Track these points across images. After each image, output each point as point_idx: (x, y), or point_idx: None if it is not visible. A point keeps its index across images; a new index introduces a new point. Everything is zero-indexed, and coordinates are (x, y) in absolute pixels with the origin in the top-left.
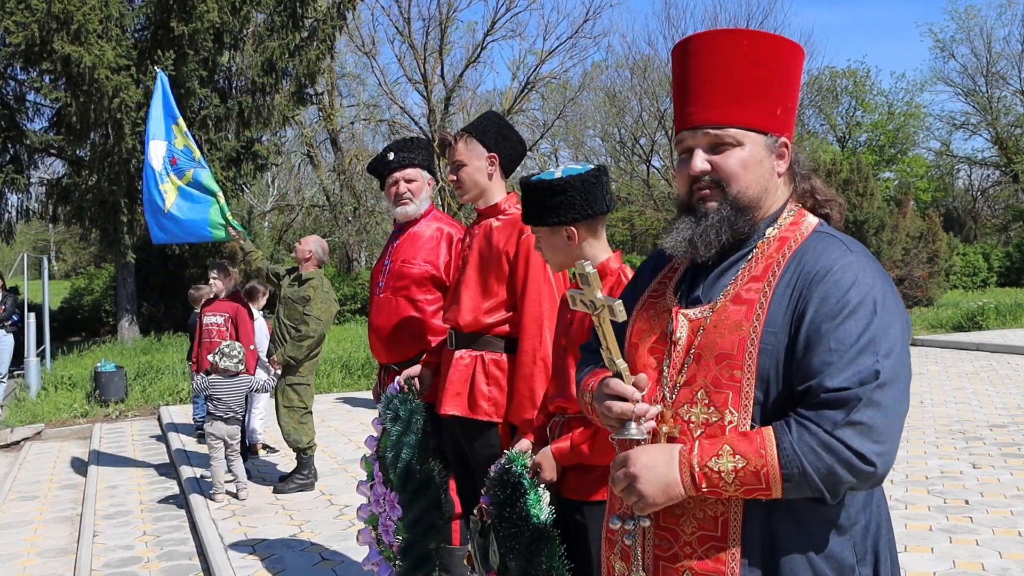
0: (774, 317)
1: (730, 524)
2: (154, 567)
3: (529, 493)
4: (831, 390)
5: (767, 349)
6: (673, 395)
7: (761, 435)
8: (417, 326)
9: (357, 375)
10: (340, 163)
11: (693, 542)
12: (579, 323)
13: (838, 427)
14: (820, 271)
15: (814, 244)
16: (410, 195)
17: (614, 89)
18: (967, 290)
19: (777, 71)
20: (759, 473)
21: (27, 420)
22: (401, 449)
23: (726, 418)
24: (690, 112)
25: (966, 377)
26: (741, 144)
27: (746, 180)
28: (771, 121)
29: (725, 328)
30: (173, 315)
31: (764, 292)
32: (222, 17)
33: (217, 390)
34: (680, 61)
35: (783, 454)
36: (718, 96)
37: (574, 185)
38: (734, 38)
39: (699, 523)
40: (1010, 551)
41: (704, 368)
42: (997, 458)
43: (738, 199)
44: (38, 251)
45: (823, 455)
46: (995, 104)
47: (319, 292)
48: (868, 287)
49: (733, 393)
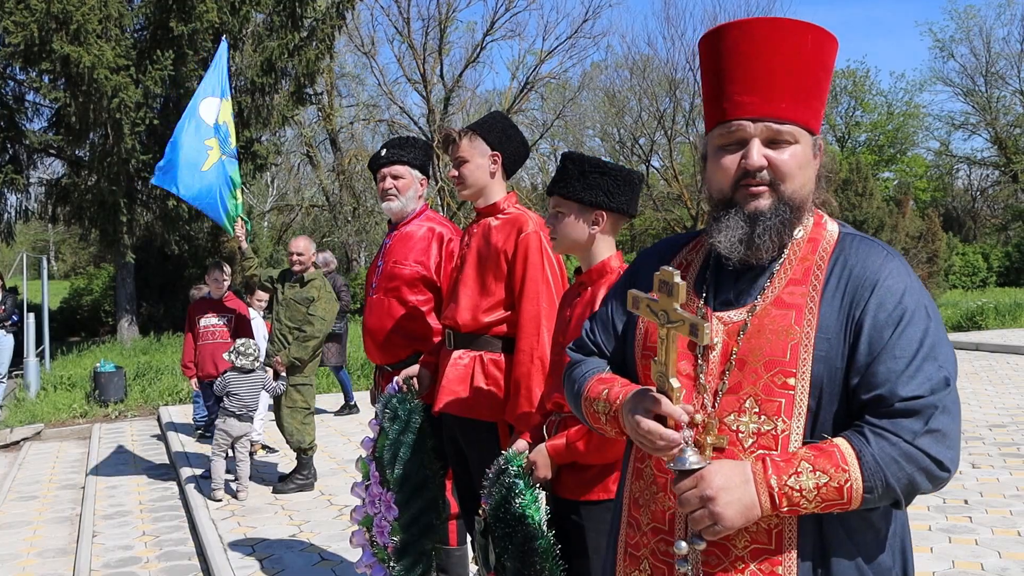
0: (826, 323)
1: (784, 535)
2: (153, 567)
3: (525, 493)
4: (906, 399)
5: (821, 356)
6: (715, 403)
7: (838, 449)
8: (410, 327)
9: (357, 375)
10: (339, 163)
11: (745, 556)
12: (578, 321)
13: (918, 436)
14: (870, 277)
15: (854, 248)
16: (395, 191)
17: (613, 89)
18: (966, 290)
19: (829, 71)
20: (842, 488)
21: (26, 420)
22: (399, 449)
23: (779, 427)
24: (748, 102)
25: (965, 377)
26: (797, 142)
27: (800, 179)
28: (818, 121)
29: (772, 333)
30: (172, 315)
31: (811, 296)
32: (221, 17)
33: (233, 386)
34: (732, 46)
35: (865, 467)
36: (786, 89)
37: (621, 174)
38: (802, 31)
39: (752, 536)
40: (1009, 551)
41: (750, 375)
42: (996, 458)
43: (792, 199)
44: (37, 251)
45: (905, 465)
46: (994, 104)
47: (323, 292)
48: (918, 293)
49: (786, 401)
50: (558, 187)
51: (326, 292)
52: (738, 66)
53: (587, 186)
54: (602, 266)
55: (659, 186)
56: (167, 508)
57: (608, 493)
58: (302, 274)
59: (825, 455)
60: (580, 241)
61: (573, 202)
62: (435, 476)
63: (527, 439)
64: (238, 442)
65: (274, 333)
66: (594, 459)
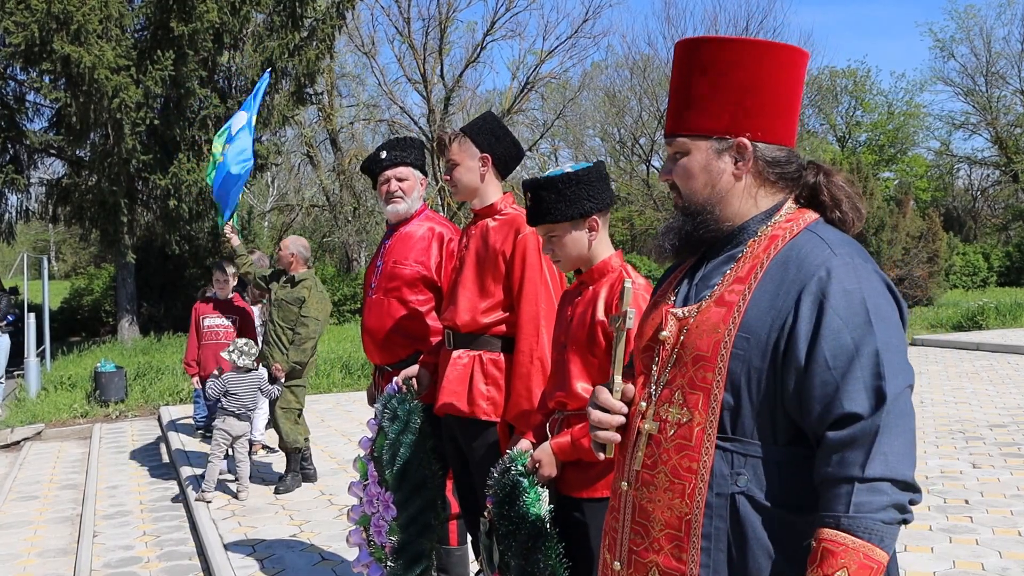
0: (750, 322)
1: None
2: (154, 567)
3: (529, 492)
4: (842, 420)
5: (738, 354)
6: (657, 394)
7: (853, 551)
8: (409, 327)
9: (357, 375)
10: (340, 163)
11: (661, 538)
12: (579, 320)
13: (870, 467)
14: (804, 278)
15: (800, 245)
16: (401, 193)
17: (614, 89)
18: (967, 290)
19: (725, 74)
20: (873, 568)
21: (27, 420)
22: (398, 449)
23: (694, 419)
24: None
25: (966, 377)
26: (689, 152)
27: (690, 187)
28: (717, 124)
29: (704, 329)
30: (173, 315)
31: (744, 295)
32: (222, 17)
33: (234, 386)
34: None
35: (882, 542)
36: (673, 106)
37: (588, 176)
38: (685, 47)
39: (665, 522)
40: (1010, 551)
41: (682, 369)
42: (997, 458)
43: (686, 206)
44: (38, 251)
45: (887, 509)
46: (995, 104)
47: (314, 292)
48: (860, 294)
49: (703, 395)
50: (543, 218)
51: (317, 292)
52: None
53: (570, 202)
54: (603, 265)
55: (659, 186)
56: (167, 508)
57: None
58: (293, 274)
59: (852, 556)
60: (583, 254)
61: (563, 223)
62: (434, 476)
63: (531, 438)
64: (237, 442)
65: (268, 334)
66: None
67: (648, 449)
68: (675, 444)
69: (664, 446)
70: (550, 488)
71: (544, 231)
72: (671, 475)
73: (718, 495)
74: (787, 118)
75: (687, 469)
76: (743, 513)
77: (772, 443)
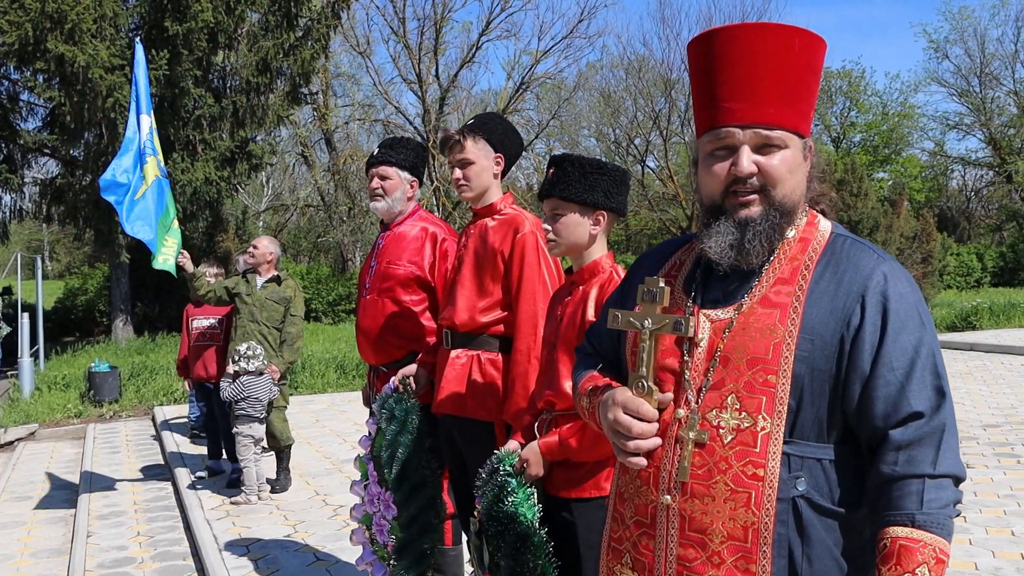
0: (812, 324)
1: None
2: (148, 567)
3: (517, 492)
4: (905, 420)
5: (803, 356)
6: (699, 399)
7: (930, 547)
8: (404, 327)
9: (351, 375)
10: (334, 163)
11: (723, 551)
12: (569, 320)
13: (940, 464)
14: (863, 280)
15: (844, 249)
16: (382, 191)
17: (609, 89)
18: (961, 290)
19: (817, 73)
20: (942, 562)
21: (21, 420)
22: (397, 449)
23: (758, 424)
24: (737, 108)
25: (960, 377)
26: (787, 147)
27: (791, 184)
28: (807, 124)
29: (756, 331)
30: (167, 315)
31: (796, 296)
32: (216, 17)
33: (253, 390)
34: (721, 51)
35: (950, 536)
36: (773, 94)
37: (617, 173)
38: (788, 35)
39: (728, 533)
40: (1003, 550)
41: (733, 372)
42: (990, 458)
43: (783, 203)
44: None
45: (951, 505)
46: (988, 105)
47: (297, 292)
48: (911, 298)
49: (767, 399)
50: (557, 189)
51: (299, 291)
52: (725, 72)
53: (588, 187)
54: (594, 265)
55: (655, 186)
56: (162, 508)
57: (600, 490)
58: (277, 274)
59: (929, 553)
60: (581, 243)
61: (573, 204)
62: (433, 476)
63: (519, 438)
64: (257, 445)
65: (250, 335)
66: (586, 456)
67: (698, 458)
68: (736, 451)
69: (721, 454)
70: (538, 488)
71: (552, 206)
72: (733, 483)
73: (780, 500)
74: None
75: (752, 476)
76: (806, 517)
77: (825, 443)
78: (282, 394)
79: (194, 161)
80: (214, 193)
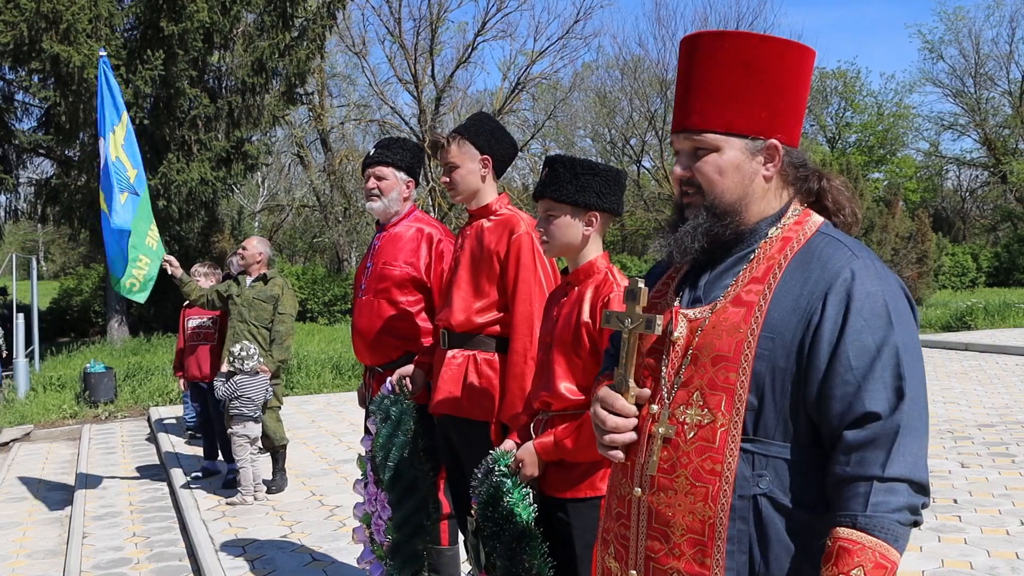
0: (773, 322)
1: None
2: (144, 568)
3: (512, 492)
4: (859, 421)
5: (763, 354)
6: (671, 396)
7: (869, 550)
8: (400, 328)
9: (347, 375)
10: (330, 163)
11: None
12: (565, 321)
13: (891, 466)
14: (828, 279)
15: (819, 248)
16: (378, 191)
17: (604, 90)
18: (956, 290)
19: (765, 72)
20: (888, 568)
21: (16, 421)
22: (391, 450)
23: (718, 421)
24: (676, 115)
25: (955, 377)
26: (719, 149)
27: (722, 186)
28: (753, 124)
29: (723, 330)
30: (163, 315)
31: (764, 295)
32: (212, 17)
33: (247, 390)
34: (679, 59)
35: (896, 542)
36: (699, 100)
37: (610, 174)
38: (716, 38)
39: (687, 526)
40: (998, 550)
41: (701, 370)
42: (985, 457)
43: (714, 205)
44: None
45: (903, 510)
46: (983, 105)
47: (285, 290)
48: (882, 296)
49: (727, 396)
50: (549, 190)
51: (288, 290)
52: (678, 80)
53: (580, 188)
54: (589, 266)
55: (650, 187)
56: (158, 509)
57: (595, 490)
58: (264, 272)
59: (867, 555)
60: (574, 244)
61: (566, 205)
62: (426, 477)
63: (515, 438)
64: (254, 445)
65: (239, 335)
66: (582, 456)
67: (665, 453)
68: (696, 446)
69: (683, 448)
70: (533, 488)
71: (545, 207)
72: (692, 478)
73: (740, 497)
74: (801, 121)
75: (710, 471)
76: (766, 515)
77: (794, 444)
78: (275, 394)
79: (189, 161)
80: (209, 193)
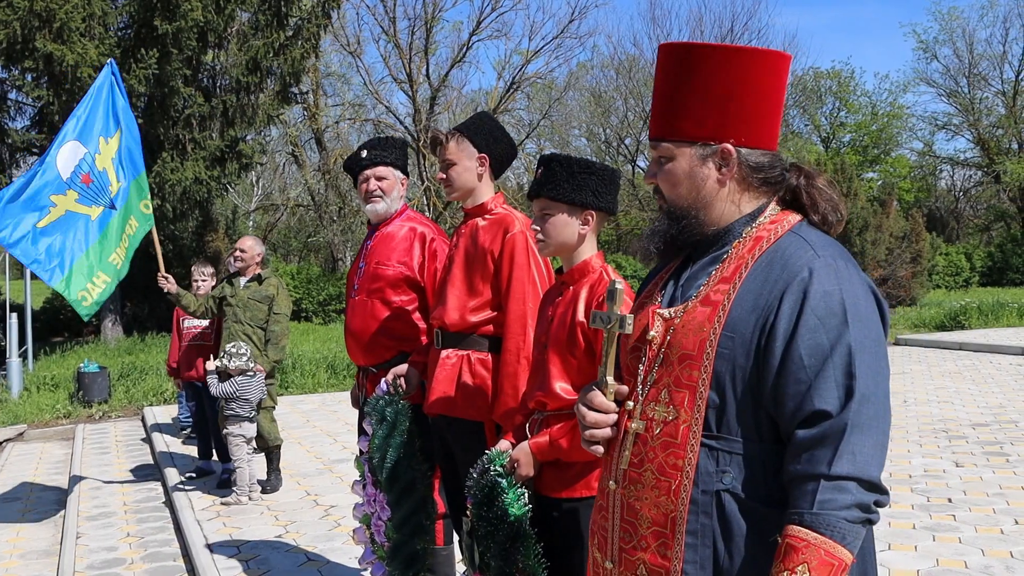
0: (734, 321)
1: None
2: (138, 568)
3: (507, 491)
4: (810, 419)
5: (724, 352)
6: (644, 393)
7: (815, 547)
8: (394, 327)
9: (342, 375)
10: (325, 162)
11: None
12: (560, 320)
13: (837, 465)
14: (787, 278)
15: (785, 246)
16: (380, 192)
17: (599, 89)
18: (950, 290)
19: (711, 78)
20: (835, 566)
21: (9, 421)
22: (387, 451)
23: (681, 417)
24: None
25: (949, 376)
26: (673, 157)
27: (675, 192)
28: (702, 130)
29: (690, 329)
30: (157, 315)
31: (728, 294)
32: (206, 16)
33: (244, 390)
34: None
35: (845, 540)
36: (656, 110)
37: (606, 173)
38: (668, 52)
39: (653, 519)
40: (992, 549)
41: (669, 368)
42: (980, 457)
43: (671, 211)
44: None
45: (852, 508)
46: (977, 105)
47: (280, 290)
48: (840, 295)
49: (689, 393)
50: (545, 189)
51: (283, 289)
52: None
53: (576, 187)
54: (584, 265)
55: (644, 186)
56: (152, 509)
57: (590, 490)
58: (259, 273)
59: (813, 552)
60: (570, 243)
61: (562, 203)
62: (423, 477)
63: (510, 438)
64: (249, 445)
65: (234, 335)
66: (577, 456)
67: (635, 448)
68: (661, 442)
69: (650, 444)
70: (528, 488)
71: (540, 206)
72: (657, 473)
73: (704, 492)
74: (770, 122)
75: (673, 466)
76: (728, 510)
77: (757, 440)
78: (269, 394)
79: (184, 160)
80: (204, 193)
